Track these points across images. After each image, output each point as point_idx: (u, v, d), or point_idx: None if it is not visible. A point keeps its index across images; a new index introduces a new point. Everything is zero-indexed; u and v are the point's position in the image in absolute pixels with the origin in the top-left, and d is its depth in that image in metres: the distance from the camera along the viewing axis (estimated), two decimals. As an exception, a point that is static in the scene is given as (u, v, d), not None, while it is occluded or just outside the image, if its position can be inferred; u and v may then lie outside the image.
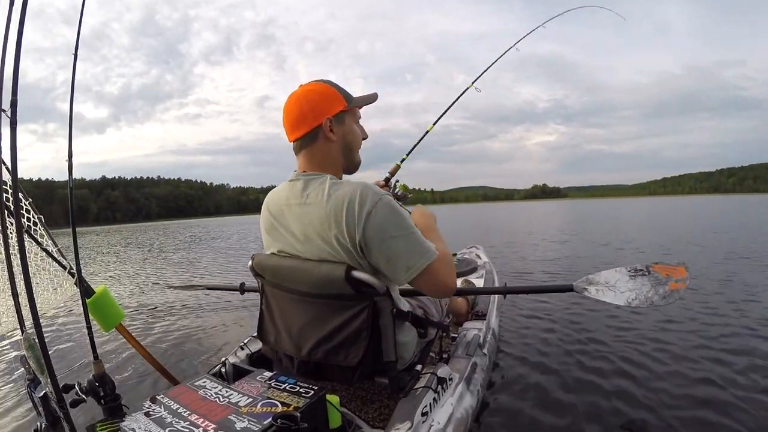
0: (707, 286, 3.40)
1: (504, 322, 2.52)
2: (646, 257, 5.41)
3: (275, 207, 1.03)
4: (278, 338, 1.11)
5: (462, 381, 1.26)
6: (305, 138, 0.97)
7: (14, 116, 0.82)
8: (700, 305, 2.82)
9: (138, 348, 1.69)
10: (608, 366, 1.90)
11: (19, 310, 0.91)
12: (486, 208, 59.21)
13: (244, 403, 0.82)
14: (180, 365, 2.20)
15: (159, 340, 2.66)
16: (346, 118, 1.00)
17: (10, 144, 0.82)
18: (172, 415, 0.79)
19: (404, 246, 0.88)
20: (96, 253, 11.46)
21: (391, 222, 0.87)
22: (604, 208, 31.88)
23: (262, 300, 1.17)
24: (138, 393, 1.85)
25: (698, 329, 2.35)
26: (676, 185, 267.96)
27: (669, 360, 1.93)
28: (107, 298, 1.52)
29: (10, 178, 0.87)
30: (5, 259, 0.92)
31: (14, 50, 0.81)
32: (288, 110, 0.97)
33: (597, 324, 2.51)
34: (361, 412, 1.13)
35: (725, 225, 10.24)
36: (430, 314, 1.31)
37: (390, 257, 0.89)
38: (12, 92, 0.82)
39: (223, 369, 1.32)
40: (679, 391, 1.64)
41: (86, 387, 1.15)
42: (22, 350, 0.89)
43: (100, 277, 6.27)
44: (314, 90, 0.97)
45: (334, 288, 0.95)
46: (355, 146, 1.04)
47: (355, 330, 0.96)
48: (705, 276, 3.84)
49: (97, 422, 0.79)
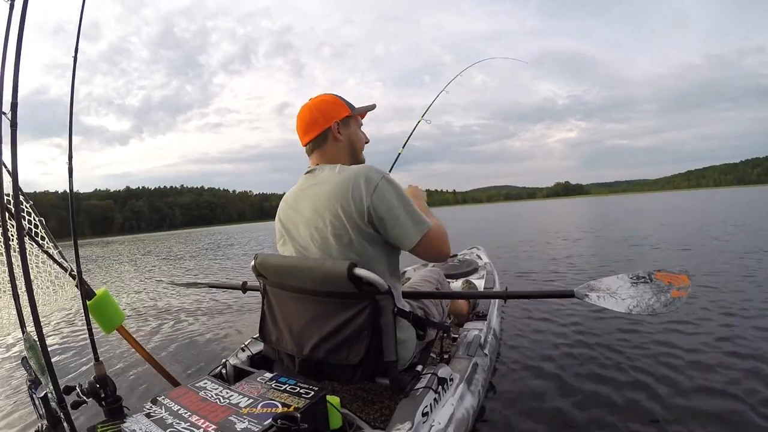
0: (723, 284, 3.21)
1: (505, 323, 2.52)
2: (663, 255, 5.12)
3: (291, 197, 1.14)
4: (280, 338, 1.12)
5: (463, 381, 1.26)
6: (317, 140, 1.12)
7: (14, 119, 0.82)
8: (714, 304, 2.67)
9: (139, 350, 1.69)
10: (610, 367, 1.90)
11: (20, 312, 0.91)
12: (507, 207, 57.81)
13: (244, 404, 0.82)
14: (181, 367, 2.20)
15: (160, 342, 2.66)
16: (351, 122, 1.15)
17: (10, 147, 0.82)
18: (172, 416, 0.79)
19: (405, 215, 0.99)
20: (115, 262, 11.59)
21: (393, 195, 0.99)
22: (627, 204, 30.73)
23: (263, 300, 1.18)
24: (139, 394, 1.85)
25: (711, 331, 2.22)
26: (700, 178, 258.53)
27: (676, 362, 1.90)
28: (108, 300, 1.52)
29: (11, 181, 0.87)
30: (6, 261, 0.93)
31: (14, 55, 0.82)
32: (301, 117, 1.13)
33: (599, 325, 2.51)
34: (361, 413, 1.13)
35: (749, 217, 9.76)
36: (431, 314, 1.31)
37: (395, 224, 1.00)
38: (12, 95, 0.83)
39: (224, 370, 1.32)
40: (682, 394, 1.63)
41: (87, 388, 1.15)
42: (24, 351, 0.89)
43: (101, 282, 6.28)
44: (323, 99, 1.14)
45: (337, 285, 0.96)
46: (359, 147, 1.18)
47: (357, 329, 0.97)
48: (723, 272, 3.65)
49: (98, 423, 0.79)
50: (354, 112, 1.16)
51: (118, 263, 11.10)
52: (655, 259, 4.86)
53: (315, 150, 1.13)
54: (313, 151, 1.14)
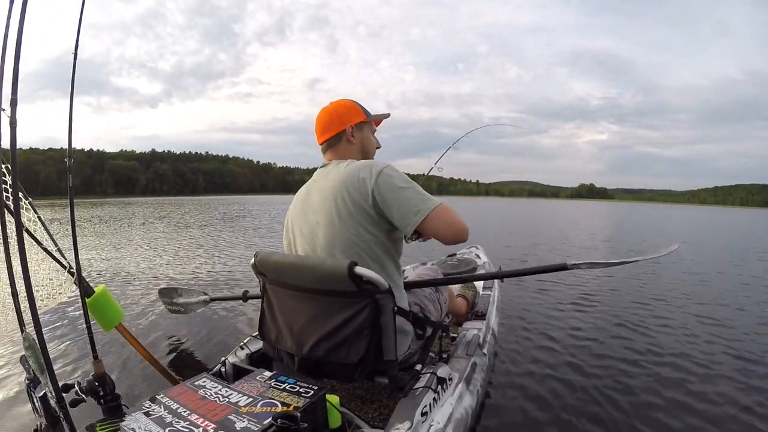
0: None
1: (504, 322, 2.52)
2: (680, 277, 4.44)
3: (304, 191, 1.21)
4: (279, 336, 1.12)
5: (462, 381, 1.26)
6: (332, 140, 1.20)
7: (14, 116, 0.82)
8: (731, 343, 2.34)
9: (138, 347, 1.69)
10: (609, 367, 1.91)
11: (18, 310, 0.91)
12: (528, 204, 56.35)
13: (244, 402, 0.82)
14: (180, 365, 2.19)
15: (159, 340, 2.65)
16: (365, 127, 1.25)
17: (10, 143, 0.82)
18: (171, 414, 0.79)
19: (412, 194, 1.03)
20: (128, 225, 11.26)
21: (397, 178, 1.04)
22: (650, 213, 30.34)
23: (263, 298, 1.18)
24: (138, 393, 1.85)
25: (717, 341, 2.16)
26: (727, 195, 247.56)
27: (676, 364, 1.92)
28: (107, 297, 1.52)
29: (10, 177, 0.87)
30: (5, 259, 0.92)
31: (14, 49, 0.81)
32: (320, 118, 1.23)
33: (599, 326, 2.52)
34: (360, 412, 1.13)
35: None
36: (428, 311, 1.32)
37: (401, 203, 1.02)
38: (12, 91, 0.82)
39: (223, 369, 1.32)
40: (682, 394, 1.64)
41: (86, 387, 1.15)
42: (22, 350, 0.88)
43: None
44: (342, 104, 1.23)
45: (337, 284, 0.97)
46: (371, 150, 1.27)
47: (357, 327, 0.97)
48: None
49: (96, 422, 0.79)
50: (369, 118, 1.25)
51: (132, 227, 10.80)
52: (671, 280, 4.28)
53: (329, 149, 1.22)
54: (327, 150, 1.23)
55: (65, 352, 2.45)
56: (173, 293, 1.84)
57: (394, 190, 1.02)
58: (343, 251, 1.05)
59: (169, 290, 1.86)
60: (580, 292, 3.43)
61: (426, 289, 1.41)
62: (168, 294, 1.85)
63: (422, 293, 1.38)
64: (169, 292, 1.85)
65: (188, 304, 1.80)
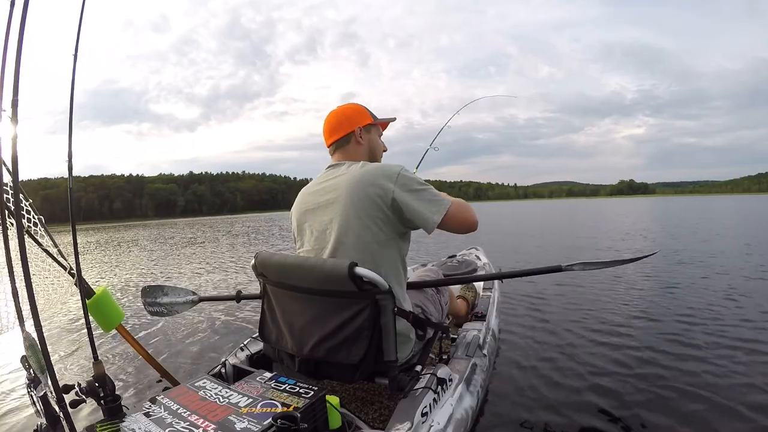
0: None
1: (504, 323, 2.52)
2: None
3: (313, 188, 1.20)
4: (280, 337, 1.12)
5: (462, 382, 1.25)
6: (340, 141, 1.22)
7: (15, 116, 0.82)
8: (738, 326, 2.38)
9: (138, 349, 1.69)
10: (609, 368, 1.90)
11: (19, 310, 0.91)
12: (567, 204, 55.49)
13: (244, 403, 0.82)
14: (180, 366, 2.19)
15: (159, 341, 2.66)
16: (373, 130, 1.27)
17: (11, 144, 0.82)
18: (172, 415, 0.79)
19: (429, 195, 1.07)
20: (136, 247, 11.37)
21: (415, 181, 1.08)
22: (694, 206, 27.38)
23: (263, 299, 1.18)
24: (138, 393, 1.85)
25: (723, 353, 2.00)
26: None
27: (674, 368, 1.90)
28: (107, 298, 1.52)
29: (11, 179, 0.87)
30: (6, 260, 0.92)
31: (15, 50, 0.81)
32: (328, 121, 1.24)
33: (599, 326, 2.51)
34: (360, 413, 1.13)
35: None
36: (429, 313, 1.32)
37: (421, 205, 1.06)
38: (12, 92, 0.82)
39: (223, 370, 1.32)
40: (681, 395, 1.63)
41: (86, 387, 1.15)
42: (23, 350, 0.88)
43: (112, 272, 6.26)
44: (350, 107, 1.26)
45: (337, 285, 0.97)
46: (378, 153, 1.29)
47: (357, 328, 0.97)
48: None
49: (97, 423, 0.79)
50: (376, 121, 1.27)
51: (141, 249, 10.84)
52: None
53: (338, 150, 1.23)
54: (335, 151, 1.24)
55: (65, 353, 2.45)
56: (157, 292, 1.71)
57: (413, 193, 1.06)
58: (355, 250, 1.05)
59: (153, 288, 1.72)
60: (581, 293, 3.42)
61: (427, 290, 1.42)
62: (152, 293, 1.69)
63: (423, 294, 1.38)
64: (153, 290, 1.71)
65: (173, 305, 1.67)
